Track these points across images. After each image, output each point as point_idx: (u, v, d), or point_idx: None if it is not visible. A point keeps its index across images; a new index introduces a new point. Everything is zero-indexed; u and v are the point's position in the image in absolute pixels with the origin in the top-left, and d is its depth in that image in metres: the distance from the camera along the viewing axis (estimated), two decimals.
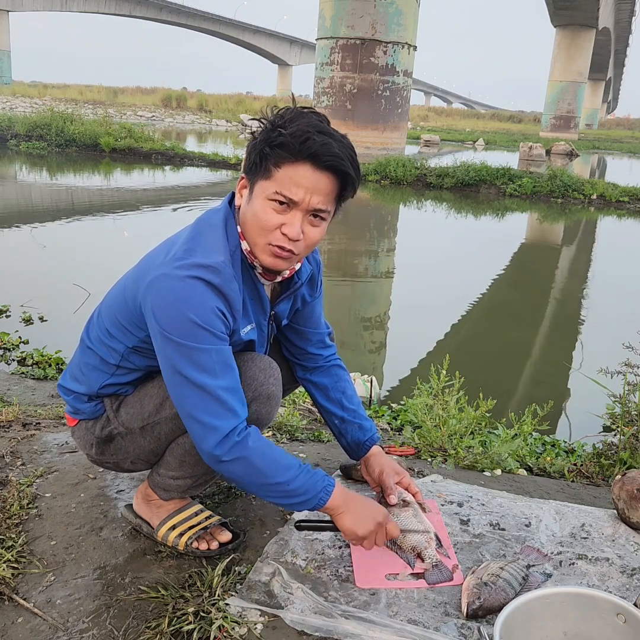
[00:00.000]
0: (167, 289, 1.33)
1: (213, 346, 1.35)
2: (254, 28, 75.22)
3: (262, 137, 1.35)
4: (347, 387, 1.82)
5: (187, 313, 1.31)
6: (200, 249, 1.37)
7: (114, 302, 1.53)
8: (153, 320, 1.36)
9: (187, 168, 15.60)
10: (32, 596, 1.44)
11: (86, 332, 1.61)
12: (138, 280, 1.42)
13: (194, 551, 1.58)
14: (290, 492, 1.40)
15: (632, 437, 2.33)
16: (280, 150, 1.32)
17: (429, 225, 10.95)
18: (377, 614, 1.39)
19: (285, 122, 1.33)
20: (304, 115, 1.35)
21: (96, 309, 1.62)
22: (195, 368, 1.34)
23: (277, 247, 1.38)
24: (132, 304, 1.45)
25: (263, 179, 1.36)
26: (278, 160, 1.33)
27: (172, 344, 1.34)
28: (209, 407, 1.35)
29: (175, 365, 1.35)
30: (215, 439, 1.35)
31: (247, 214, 1.40)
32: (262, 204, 1.36)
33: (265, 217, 1.36)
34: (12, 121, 17.59)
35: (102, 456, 1.65)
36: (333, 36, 17.64)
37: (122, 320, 1.49)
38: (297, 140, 1.30)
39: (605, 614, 1.27)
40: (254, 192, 1.38)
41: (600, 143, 40.90)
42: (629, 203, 13.23)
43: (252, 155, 1.38)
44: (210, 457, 1.38)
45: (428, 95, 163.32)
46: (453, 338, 5.20)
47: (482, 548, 1.66)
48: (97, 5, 55.80)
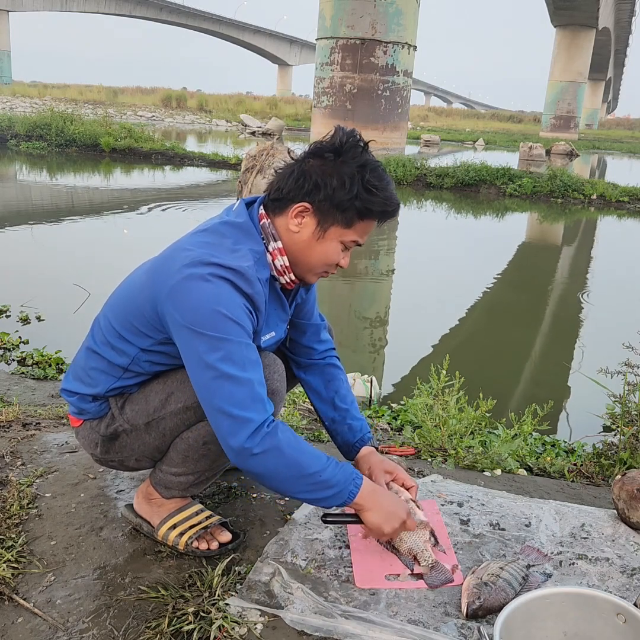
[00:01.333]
0: (194, 287, 1.34)
1: (243, 340, 1.37)
2: (254, 28, 75.21)
3: (355, 192, 1.44)
4: (341, 387, 1.82)
5: (217, 307, 1.34)
6: (224, 253, 1.40)
7: (125, 306, 1.52)
8: (180, 319, 1.36)
9: (187, 168, 15.60)
10: (32, 596, 1.44)
11: (91, 336, 1.60)
12: (157, 284, 1.41)
13: (194, 551, 1.58)
14: (322, 483, 1.40)
15: (632, 437, 2.33)
16: (378, 215, 1.49)
17: (429, 225, 10.94)
18: (377, 614, 1.39)
19: (380, 185, 1.46)
20: (386, 175, 1.50)
21: (101, 313, 1.61)
22: (226, 360, 1.34)
23: (326, 273, 1.57)
24: (150, 309, 1.44)
25: (342, 227, 1.48)
26: (366, 216, 1.48)
27: (202, 337, 1.34)
28: (241, 399, 1.35)
29: (205, 358, 1.34)
30: (248, 432, 1.34)
31: (315, 249, 1.50)
32: (335, 247, 1.50)
33: (335, 257, 1.52)
34: (12, 121, 17.58)
35: (107, 455, 1.65)
36: (333, 36, 17.64)
37: (136, 324, 1.48)
38: (390, 208, 1.49)
39: (606, 614, 1.27)
40: (328, 233, 1.49)
41: (600, 143, 40.88)
42: (629, 203, 13.23)
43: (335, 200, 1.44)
44: (241, 451, 1.35)
45: (428, 95, 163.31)
46: (453, 338, 5.20)
47: (482, 548, 1.66)
48: (97, 5, 55.77)
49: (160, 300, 1.40)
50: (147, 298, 1.44)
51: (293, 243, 1.50)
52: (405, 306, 6.04)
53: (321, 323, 1.83)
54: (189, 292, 1.35)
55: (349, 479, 1.44)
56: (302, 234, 1.49)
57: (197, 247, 1.41)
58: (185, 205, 10.32)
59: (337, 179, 1.43)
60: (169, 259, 1.43)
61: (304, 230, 1.48)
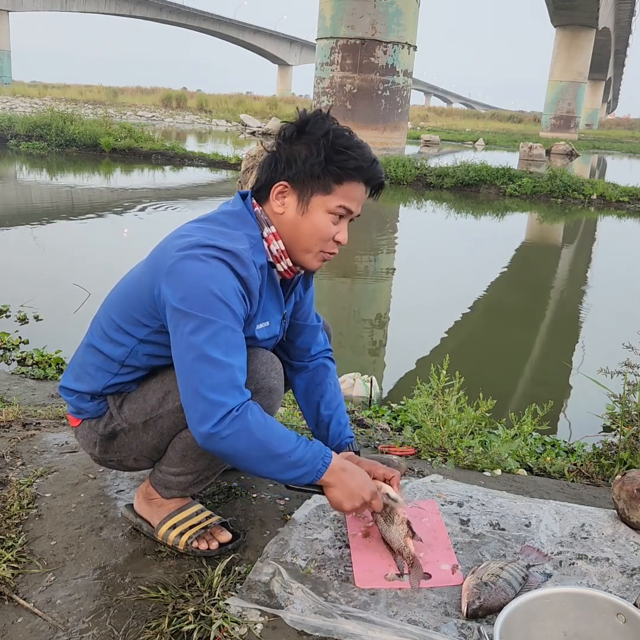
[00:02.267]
0: (189, 267, 1.36)
1: (230, 324, 1.37)
2: (254, 28, 75.23)
3: (323, 155, 1.44)
4: (327, 391, 1.79)
5: (210, 286, 1.34)
6: (220, 237, 1.41)
7: (125, 296, 1.53)
8: (172, 298, 1.36)
9: (187, 168, 15.60)
10: (32, 596, 1.44)
11: (90, 331, 1.61)
12: (154, 270, 1.43)
13: (194, 551, 1.58)
14: (292, 464, 1.40)
15: (632, 437, 2.33)
16: (353, 172, 1.46)
17: (429, 225, 10.95)
18: (377, 614, 1.39)
19: (350, 146, 1.46)
20: (358, 139, 1.50)
21: (100, 308, 1.62)
22: (210, 342, 1.34)
23: (327, 254, 1.53)
24: (148, 293, 1.45)
25: (322, 194, 1.47)
26: (342, 179, 1.46)
27: (189, 317, 1.34)
28: (219, 383, 1.35)
29: (190, 339, 1.35)
30: (219, 416, 1.34)
31: (303, 225, 1.49)
32: (322, 217, 1.48)
33: (326, 230, 1.49)
34: (12, 121, 17.59)
35: (105, 454, 1.65)
36: (333, 36, 17.66)
37: (135, 314, 1.49)
38: (366, 164, 1.47)
39: (606, 614, 1.27)
40: (311, 205, 1.48)
41: (600, 143, 40.89)
42: (629, 203, 13.24)
43: (307, 168, 1.45)
44: (211, 434, 1.34)
45: (428, 95, 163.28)
46: (453, 338, 5.21)
47: (482, 548, 1.66)
48: (97, 5, 55.79)
49: (157, 283, 1.41)
50: (146, 284, 1.46)
51: (282, 225, 1.50)
52: (406, 306, 6.04)
53: (318, 325, 1.82)
54: (183, 271, 1.36)
55: (318, 457, 1.44)
56: (287, 213, 1.49)
57: (195, 233, 1.43)
58: (185, 205, 10.33)
59: (304, 150, 1.45)
60: (168, 245, 1.45)
61: (288, 209, 1.49)
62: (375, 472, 1.66)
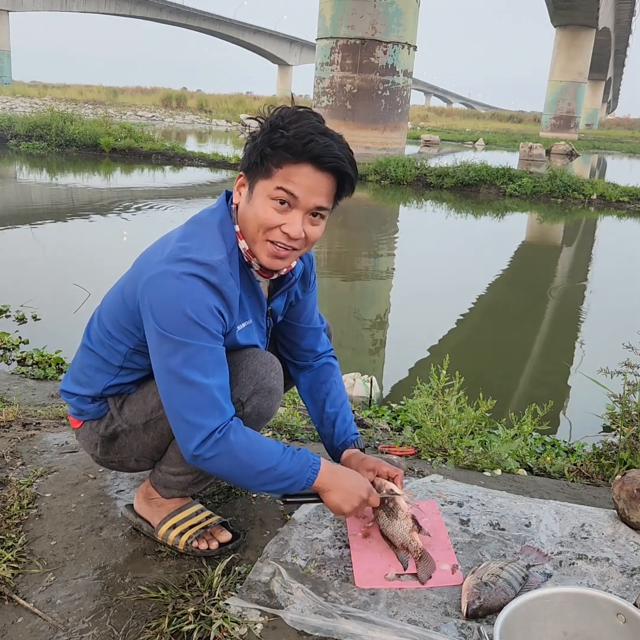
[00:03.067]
0: (165, 285, 1.34)
1: (207, 344, 1.36)
2: (254, 28, 75.19)
3: (263, 137, 1.38)
4: (332, 389, 1.80)
5: (184, 309, 1.33)
6: (196, 247, 1.39)
7: (113, 303, 1.54)
8: (150, 317, 1.37)
9: (187, 168, 15.60)
10: (32, 596, 1.44)
11: (87, 334, 1.62)
12: (135, 280, 1.43)
13: (194, 550, 1.58)
14: (278, 477, 1.42)
15: (632, 437, 2.33)
16: (283, 151, 1.35)
17: (429, 226, 10.94)
18: (377, 614, 1.39)
19: (286, 124, 1.36)
20: (304, 116, 1.38)
21: (96, 311, 1.62)
22: (187, 365, 1.35)
23: (276, 246, 1.41)
24: (131, 304, 1.46)
25: (264, 179, 1.39)
26: (280, 161, 1.36)
27: (166, 340, 1.35)
28: (198, 405, 1.36)
29: (168, 362, 1.36)
30: (200, 438, 1.36)
31: (247, 213, 1.43)
32: (263, 203, 1.39)
33: (265, 216, 1.39)
34: (12, 121, 17.59)
35: (106, 455, 1.65)
36: (333, 36, 17.63)
37: (122, 321, 1.50)
38: (299, 141, 1.33)
39: (605, 614, 1.27)
40: (254, 191, 1.41)
41: (600, 143, 40.89)
42: (629, 203, 13.24)
43: (253, 154, 1.40)
44: (194, 457, 1.39)
45: (428, 95, 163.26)
46: (453, 338, 5.21)
47: (482, 548, 1.66)
48: (97, 5, 55.76)
49: (138, 294, 1.41)
50: (129, 294, 1.46)
51: (241, 220, 1.46)
52: (406, 306, 6.04)
53: (321, 326, 1.82)
54: (160, 290, 1.35)
55: (305, 466, 1.45)
56: (240, 203, 1.46)
57: (176, 241, 1.41)
58: (186, 205, 10.32)
59: (251, 138, 1.41)
60: (149, 256, 1.45)
61: (242, 199, 1.45)
62: (380, 469, 1.67)
